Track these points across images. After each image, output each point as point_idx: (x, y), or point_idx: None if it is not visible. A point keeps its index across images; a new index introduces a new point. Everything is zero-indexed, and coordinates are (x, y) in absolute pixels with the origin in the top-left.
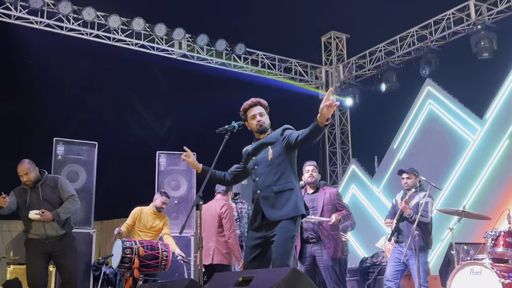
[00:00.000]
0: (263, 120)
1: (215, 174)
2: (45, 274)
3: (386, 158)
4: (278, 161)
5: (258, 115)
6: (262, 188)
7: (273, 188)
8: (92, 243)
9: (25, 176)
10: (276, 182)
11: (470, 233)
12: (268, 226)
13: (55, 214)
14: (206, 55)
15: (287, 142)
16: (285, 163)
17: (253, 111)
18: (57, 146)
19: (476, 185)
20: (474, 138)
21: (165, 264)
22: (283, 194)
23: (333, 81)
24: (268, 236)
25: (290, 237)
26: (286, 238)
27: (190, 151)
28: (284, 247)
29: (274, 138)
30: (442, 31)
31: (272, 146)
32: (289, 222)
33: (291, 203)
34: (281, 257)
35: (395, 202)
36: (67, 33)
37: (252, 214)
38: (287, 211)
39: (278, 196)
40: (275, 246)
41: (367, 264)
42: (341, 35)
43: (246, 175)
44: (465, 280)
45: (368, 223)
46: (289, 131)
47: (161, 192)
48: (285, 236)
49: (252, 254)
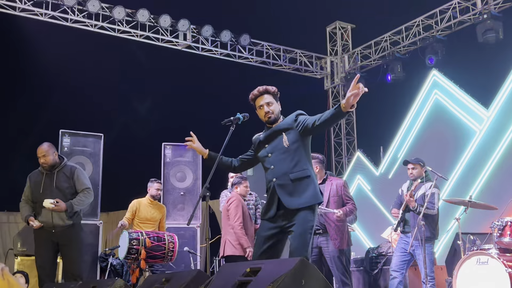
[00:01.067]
0: (271, 110)
1: (222, 161)
2: (53, 264)
3: (392, 149)
4: (293, 148)
5: (266, 105)
6: (278, 176)
7: (290, 175)
8: (99, 235)
9: (42, 158)
10: (292, 169)
11: (476, 223)
12: (285, 216)
13: (69, 206)
14: (211, 46)
15: (303, 127)
16: (300, 150)
17: (261, 101)
18: (63, 138)
19: (483, 175)
20: (480, 128)
21: (171, 255)
22: (300, 181)
23: (338, 71)
24: (284, 226)
25: (309, 227)
26: (306, 229)
27: (195, 136)
28: (304, 238)
29: (287, 124)
30: (448, 21)
31: (286, 133)
32: (308, 211)
33: (310, 191)
34: (300, 248)
35: (401, 192)
36: (72, 25)
37: (266, 204)
38: (306, 199)
39: (296, 183)
40: (293, 237)
41: (373, 255)
42: (346, 25)
43: (254, 163)
44: (472, 270)
45: (374, 214)
46: (303, 117)
47: (151, 180)
48: (304, 227)
49: (265, 245)
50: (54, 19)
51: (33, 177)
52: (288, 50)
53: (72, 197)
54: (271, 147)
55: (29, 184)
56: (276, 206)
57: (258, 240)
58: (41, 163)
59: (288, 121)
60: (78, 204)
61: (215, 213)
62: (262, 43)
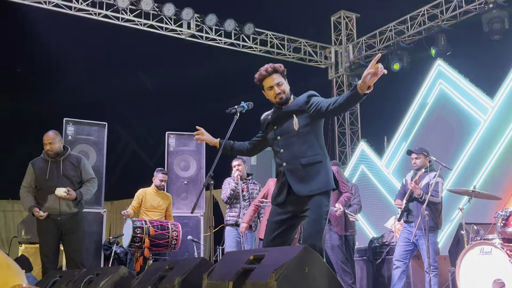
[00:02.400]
0: (282, 90)
1: (235, 147)
2: (57, 252)
3: (396, 139)
4: (305, 131)
5: (276, 86)
6: (288, 161)
7: (301, 160)
8: (103, 223)
9: (48, 145)
10: (304, 154)
11: (480, 214)
12: (296, 202)
13: (79, 194)
14: (214, 35)
15: (315, 110)
16: (312, 133)
17: (270, 81)
18: (67, 126)
19: (487, 165)
20: (485, 118)
21: (175, 243)
22: (312, 167)
23: (342, 61)
24: (297, 211)
25: (324, 213)
26: (321, 214)
27: (202, 129)
28: (319, 224)
29: (298, 106)
30: (453, 10)
31: (297, 115)
32: (322, 196)
33: (322, 177)
34: (315, 235)
35: (405, 182)
36: (76, 13)
37: (276, 188)
38: (318, 186)
39: (307, 169)
40: (308, 223)
41: (376, 244)
42: (351, 15)
43: (265, 144)
44: (475, 260)
45: (377, 203)
46: (316, 98)
47: (157, 170)
48: (319, 212)
49: (276, 231)
50: (58, 7)
51: (37, 164)
52: (292, 39)
53: (78, 186)
54: (281, 129)
55: (33, 170)
56: (287, 191)
57: (269, 225)
58: (46, 150)
59: (299, 103)
60: (86, 193)
61: (219, 202)
62: (266, 32)
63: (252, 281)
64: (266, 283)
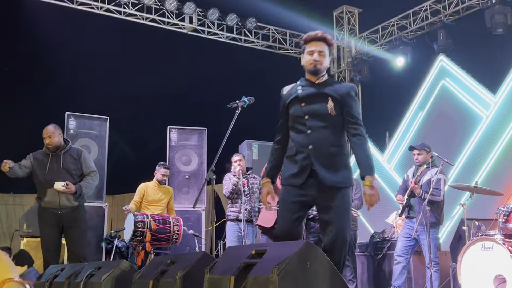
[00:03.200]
0: (321, 60)
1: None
2: (58, 246)
3: (398, 134)
4: (337, 120)
5: (318, 53)
6: (315, 144)
7: (330, 148)
8: (104, 217)
9: (48, 138)
10: (333, 142)
11: (481, 209)
12: (318, 188)
13: (78, 188)
14: (216, 29)
15: (345, 111)
16: (341, 125)
17: (314, 46)
18: (69, 120)
19: (489, 160)
20: (487, 113)
21: (176, 237)
22: (339, 158)
23: (344, 56)
24: (319, 198)
25: (349, 206)
26: (349, 209)
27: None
28: (348, 218)
29: (338, 92)
30: (456, 6)
31: (333, 100)
32: (348, 191)
33: (348, 171)
34: (347, 228)
35: (406, 177)
36: (78, 7)
37: (293, 169)
38: (343, 180)
39: (334, 158)
40: (338, 216)
41: (377, 240)
42: (353, 10)
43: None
44: (476, 256)
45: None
46: (354, 103)
47: (159, 164)
48: (347, 207)
49: (297, 213)
50: (59, 1)
51: (37, 157)
52: (294, 34)
53: (79, 179)
54: (310, 108)
55: (32, 162)
56: (308, 174)
57: (287, 206)
58: (46, 143)
59: (340, 89)
60: (86, 187)
61: (220, 197)
62: (268, 27)
63: (254, 276)
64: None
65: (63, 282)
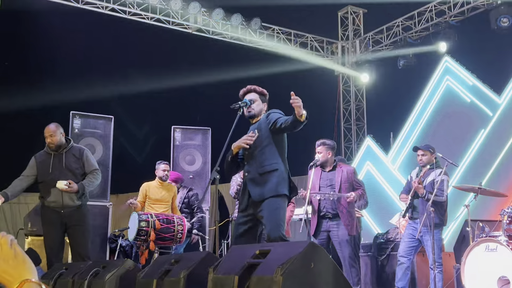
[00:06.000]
0: (252, 107)
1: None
2: (62, 245)
3: (402, 135)
4: (264, 144)
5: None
6: (248, 171)
7: (258, 170)
8: (108, 216)
9: (49, 137)
10: (261, 164)
11: (486, 210)
12: (255, 204)
13: (81, 187)
14: (221, 29)
15: (272, 125)
16: (271, 146)
17: (246, 98)
18: (73, 119)
19: (493, 162)
20: (492, 115)
21: (180, 237)
22: (267, 174)
23: (349, 56)
24: (255, 213)
25: (276, 208)
26: (273, 210)
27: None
28: (274, 219)
29: (261, 122)
30: (461, 6)
31: (259, 130)
32: (274, 198)
33: (273, 183)
34: (274, 228)
35: (410, 178)
36: (83, 7)
37: (240, 196)
38: (269, 190)
39: (263, 176)
40: (265, 220)
41: (381, 240)
42: (358, 10)
43: None
44: (480, 257)
45: (383, 199)
46: (275, 115)
47: (158, 162)
48: (271, 209)
49: (239, 230)
50: (65, 0)
51: (39, 157)
52: (299, 34)
53: (82, 178)
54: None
55: (35, 163)
56: (247, 197)
57: (234, 227)
58: (47, 142)
59: (262, 119)
60: (88, 185)
61: (224, 197)
62: (273, 27)
63: (258, 276)
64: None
65: (68, 281)
